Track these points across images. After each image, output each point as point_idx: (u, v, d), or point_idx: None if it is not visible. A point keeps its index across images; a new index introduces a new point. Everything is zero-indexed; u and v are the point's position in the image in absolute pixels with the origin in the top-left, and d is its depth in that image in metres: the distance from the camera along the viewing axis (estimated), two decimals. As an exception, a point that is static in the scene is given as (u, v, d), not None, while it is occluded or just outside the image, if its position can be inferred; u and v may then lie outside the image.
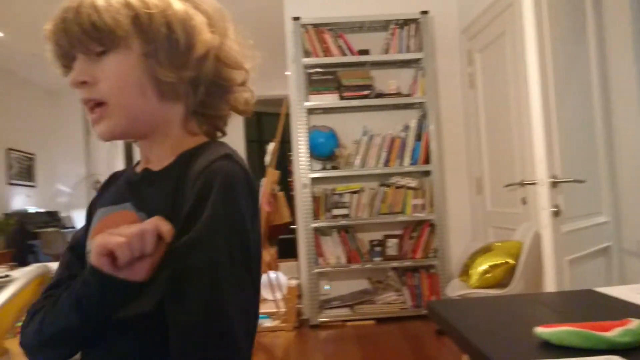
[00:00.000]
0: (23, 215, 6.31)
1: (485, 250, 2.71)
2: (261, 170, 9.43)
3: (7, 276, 1.87)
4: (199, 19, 0.70)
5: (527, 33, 1.98)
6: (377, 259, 3.81)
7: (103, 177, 7.62)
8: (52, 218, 6.85)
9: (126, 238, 0.58)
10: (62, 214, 7.18)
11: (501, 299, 1.53)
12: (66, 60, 0.70)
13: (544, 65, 2.01)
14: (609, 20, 2.50)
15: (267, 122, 9.70)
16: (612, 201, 2.51)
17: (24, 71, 6.76)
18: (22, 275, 1.38)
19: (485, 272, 2.48)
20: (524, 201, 2.98)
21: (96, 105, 0.69)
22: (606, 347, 0.82)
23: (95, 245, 0.59)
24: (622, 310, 1.09)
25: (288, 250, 5.02)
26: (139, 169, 0.77)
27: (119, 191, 0.76)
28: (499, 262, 2.52)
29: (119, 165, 7.85)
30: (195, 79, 0.70)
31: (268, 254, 3.95)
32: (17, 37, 5.56)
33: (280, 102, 4.04)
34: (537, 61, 1.96)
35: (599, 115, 2.52)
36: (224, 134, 0.80)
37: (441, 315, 1.19)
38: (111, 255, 0.59)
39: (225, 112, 0.77)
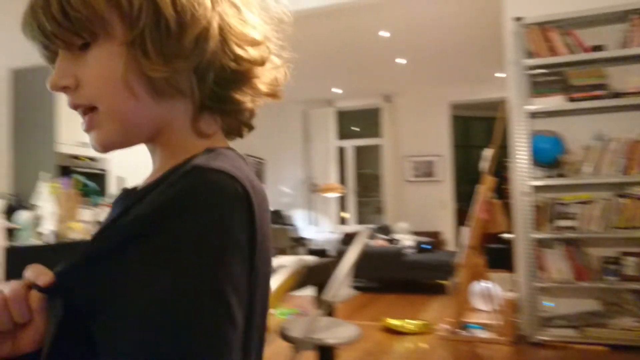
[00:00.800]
0: (255, 213, 7.28)
1: None
2: (468, 176, 9.19)
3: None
4: None
5: None
6: (612, 278, 3.40)
7: (319, 181, 8.31)
8: (277, 216, 7.74)
9: None
10: (284, 213, 8.06)
11: None
12: (53, 59, 0.56)
13: None
14: None
15: (475, 126, 9.41)
16: None
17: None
18: (287, 267, 1.62)
19: None
20: None
21: (89, 109, 0.55)
22: None
23: None
24: None
25: (497, 261, 4.78)
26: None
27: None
28: None
29: (333, 170, 8.48)
30: (198, 66, 0.54)
31: (478, 261, 3.85)
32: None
33: (489, 105, 3.92)
34: None
35: None
36: (250, 128, 0.64)
37: None
38: None
39: (247, 103, 0.60)
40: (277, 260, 2.41)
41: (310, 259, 2.38)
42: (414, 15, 5.24)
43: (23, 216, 2.11)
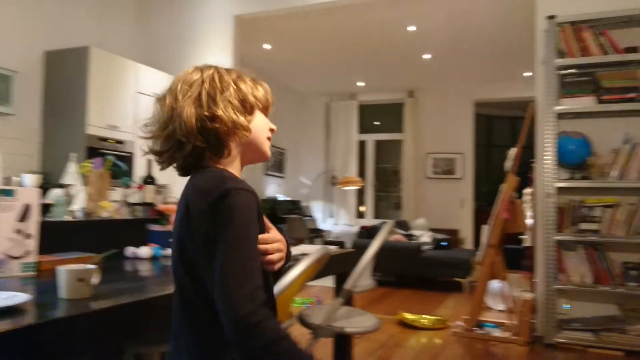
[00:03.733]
0: (274, 202, 7.33)
1: None
2: (489, 176, 9.08)
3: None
4: None
5: None
6: (632, 283, 3.36)
7: (338, 174, 8.30)
8: (295, 206, 7.78)
9: None
10: (303, 204, 8.10)
11: None
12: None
13: None
14: None
15: (498, 125, 9.31)
16: None
17: (283, 77, 7.82)
18: (310, 254, 1.64)
19: None
20: None
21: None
22: None
23: None
24: None
25: (512, 261, 4.67)
26: None
27: None
28: None
29: (353, 163, 8.48)
30: None
31: (497, 260, 3.83)
32: (279, 49, 6.48)
33: (514, 104, 3.89)
34: None
35: None
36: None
37: None
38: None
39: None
40: (300, 248, 2.44)
41: (333, 248, 2.40)
42: (443, 10, 5.20)
43: (55, 193, 2.17)
